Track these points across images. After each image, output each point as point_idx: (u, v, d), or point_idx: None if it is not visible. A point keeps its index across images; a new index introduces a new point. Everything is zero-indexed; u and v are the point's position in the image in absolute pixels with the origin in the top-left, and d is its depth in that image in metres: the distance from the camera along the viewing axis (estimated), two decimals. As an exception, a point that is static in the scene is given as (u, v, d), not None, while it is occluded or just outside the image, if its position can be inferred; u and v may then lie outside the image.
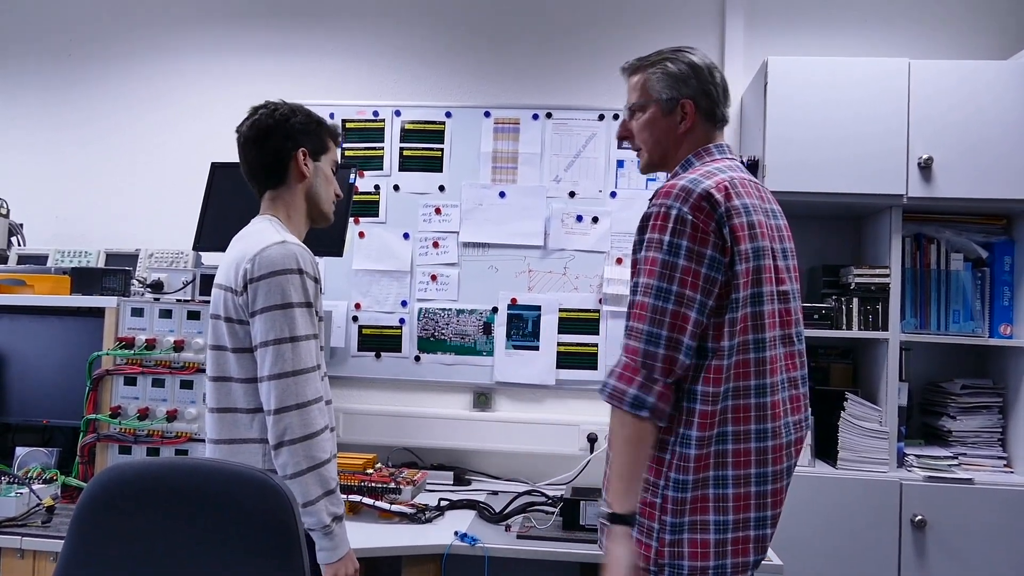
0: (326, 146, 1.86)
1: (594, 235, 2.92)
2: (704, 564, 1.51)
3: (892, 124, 2.50)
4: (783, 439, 1.57)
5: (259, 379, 1.63)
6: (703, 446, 1.51)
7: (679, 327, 1.48)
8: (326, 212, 1.87)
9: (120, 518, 1.36)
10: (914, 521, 2.39)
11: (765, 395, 1.54)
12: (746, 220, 1.53)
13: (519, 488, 2.64)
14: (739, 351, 1.52)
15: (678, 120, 1.65)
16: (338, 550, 1.64)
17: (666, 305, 1.48)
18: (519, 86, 3.03)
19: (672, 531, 1.52)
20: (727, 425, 1.52)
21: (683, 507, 1.52)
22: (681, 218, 1.49)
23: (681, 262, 1.48)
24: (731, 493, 1.52)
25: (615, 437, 1.50)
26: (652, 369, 1.47)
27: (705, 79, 1.65)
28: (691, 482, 1.51)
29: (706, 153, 1.66)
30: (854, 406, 2.52)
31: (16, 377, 2.61)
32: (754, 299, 1.53)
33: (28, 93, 3.25)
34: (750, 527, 1.55)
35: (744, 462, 1.52)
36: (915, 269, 2.62)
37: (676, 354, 1.47)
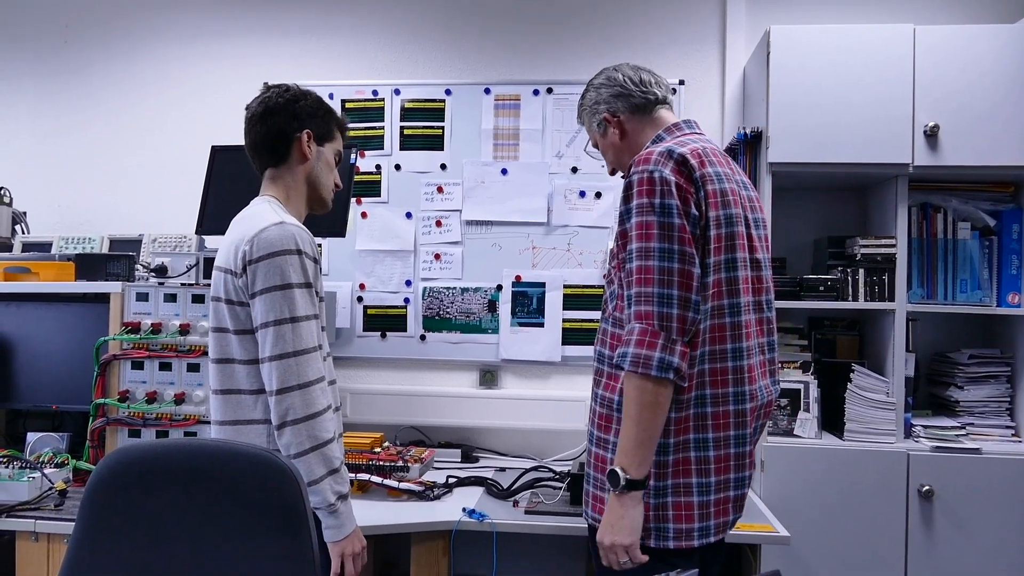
0: (332, 134, 1.86)
1: (597, 210, 2.91)
2: (689, 526, 1.55)
3: (897, 91, 2.47)
4: (758, 401, 1.61)
5: (261, 360, 1.63)
6: (681, 408, 1.54)
7: (687, 285, 1.51)
8: (324, 198, 1.87)
9: (129, 499, 1.37)
10: (921, 491, 2.39)
11: (741, 358, 1.58)
12: (718, 187, 1.57)
13: (526, 464, 2.66)
14: (715, 315, 1.55)
15: (612, 133, 1.78)
16: (344, 528, 1.65)
17: (672, 264, 1.50)
18: (519, 62, 3.01)
19: (656, 495, 1.56)
20: (705, 388, 1.56)
21: (665, 470, 1.56)
22: (664, 179, 1.53)
23: (676, 220, 1.52)
24: (712, 455, 1.56)
25: (633, 405, 1.50)
26: (670, 330, 1.49)
27: (613, 86, 1.77)
28: (672, 445, 1.55)
29: (676, 128, 1.73)
30: (861, 377, 2.51)
31: (25, 364, 2.63)
32: (728, 264, 1.57)
33: (27, 80, 3.24)
34: (730, 488, 1.59)
35: (724, 424, 1.56)
36: (921, 239, 2.60)
37: (688, 312, 1.51)
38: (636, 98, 1.75)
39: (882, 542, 2.41)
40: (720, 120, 2.91)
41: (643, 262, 1.52)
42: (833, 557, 2.42)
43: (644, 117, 1.75)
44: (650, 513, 1.56)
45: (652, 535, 1.56)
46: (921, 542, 2.40)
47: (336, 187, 1.89)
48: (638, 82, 1.75)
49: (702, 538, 1.57)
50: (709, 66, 2.93)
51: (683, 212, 1.52)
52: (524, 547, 2.28)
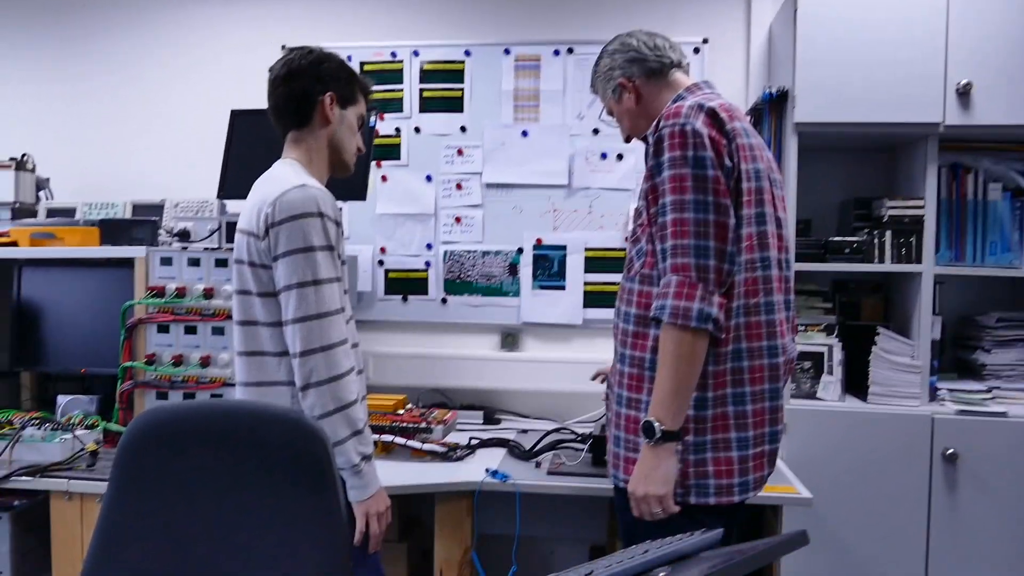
0: (355, 98, 1.84)
1: (619, 172, 2.88)
2: (729, 482, 1.56)
3: (929, 48, 2.40)
4: (788, 355, 1.63)
5: (284, 323, 1.64)
6: (719, 362, 1.55)
7: (722, 236, 1.51)
8: (346, 162, 1.86)
9: (159, 459, 1.39)
10: (945, 455, 2.38)
11: (773, 312, 1.58)
12: (746, 142, 1.58)
13: (548, 426, 2.67)
14: (748, 268, 1.55)
15: (627, 98, 1.76)
16: (368, 488, 1.67)
17: (707, 216, 1.51)
18: (539, 21, 2.96)
19: (695, 450, 1.56)
20: (741, 342, 1.56)
21: (704, 425, 1.56)
22: (696, 131, 1.53)
23: (710, 172, 1.51)
24: (750, 409, 1.57)
25: (669, 356, 1.50)
26: (708, 282, 1.50)
27: (627, 51, 1.76)
28: (710, 399, 1.55)
29: (695, 88, 1.72)
30: (886, 340, 2.49)
31: (53, 328, 2.67)
32: (759, 218, 1.57)
33: (47, 45, 3.24)
34: (765, 442, 1.60)
35: (759, 378, 1.57)
36: (951, 200, 2.55)
37: (724, 264, 1.52)
38: (651, 62, 1.74)
39: (905, 505, 2.40)
40: (745, 80, 2.85)
41: (678, 215, 1.52)
42: (855, 520, 2.42)
43: (659, 81, 1.74)
44: (690, 469, 1.56)
45: (692, 491, 1.56)
46: (944, 506, 2.40)
47: (359, 151, 1.88)
48: (652, 47, 1.75)
49: (742, 493, 1.58)
50: (734, 24, 2.87)
51: (717, 164, 1.52)
52: (546, 507, 2.30)
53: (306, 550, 1.33)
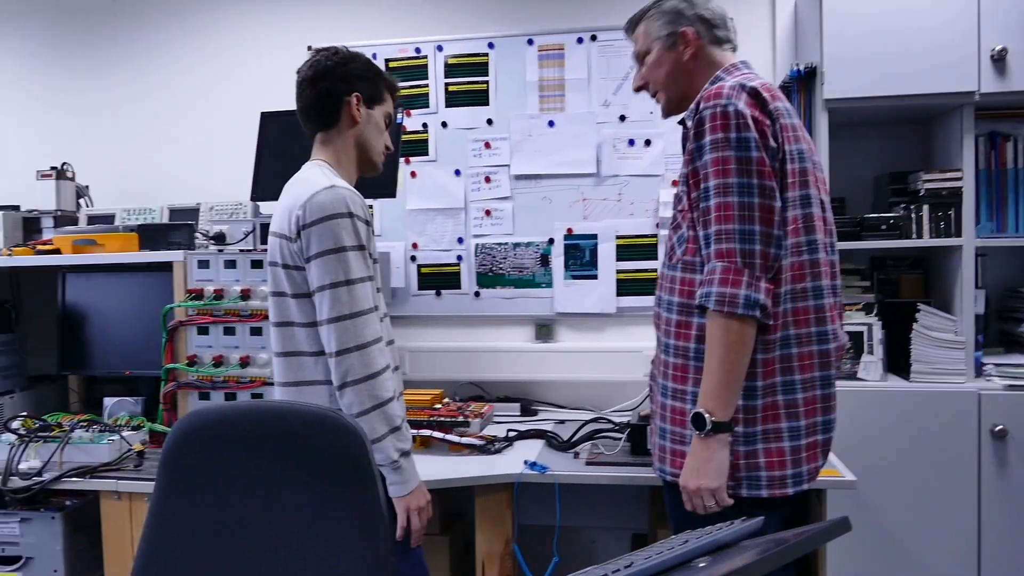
0: (381, 96, 1.85)
1: (647, 158, 2.86)
2: (782, 473, 1.51)
3: (960, 14, 2.34)
4: (840, 341, 1.58)
5: (319, 323, 1.66)
6: (769, 349, 1.50)
7: (768, 220, 1.47)
8: (375, 161, 1.87)
9: (202, 460, 1.42)
10: (994, 432, 2.33)
11: (821, 297, 1.54)
12: (789, 122, 1.53)
13: (585, 416, 2.66)
14: (794, 252, 1.51)
15: (682, 50, 1.67)
16: (408, 484, 1.68)
17: (752, 200, 1.46)
18: (561, 10, 2.94)
19: (746, 442, 1.52)
20: (789, 328, 1.51)
21: (754, 415, 1.51)
22: (739, 112, 1.48)
23: (754, 154, 1.47)
24: (800, 398, 1.52)
25: (717, 345, 1.47)
26: (754, 267, 1.46)
27: (698, 7, 1.67)
28: (759, 388, 1.51)
29: (734, 68, 1.65)
30: (927, 317, 2.44)
31: (97, 332, 2.74)
32: (804, 200, 1.52)
33: (78, 56, 3.30)
34: (818, 431, 1.55)
35: (809, 365, 1.52)
36: (990, 170, 2.49)
37: (770, 248, 1.48)
38: (719, 31, 1.68)
39: (954, 485, 2.36)
40: (771, 58, 2.81)
41: (722, 199, 1.48)
42: (902, 501, 2.38)
43: (715, 51, 1.67)
44: (740, 461, 1.52)
45: (744, 483, 1.53)
46: (995, 484, 2.35)
47: (387, 150, 1.89)
48: (722, 16, 1.70)
49: (796, 485, 1.53)
50: (758, 3, 2.82)
51: (761, 145, 1.48)
52: (586, 497, 2.30)
53: (348, 547, 1.35)
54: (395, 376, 1.75)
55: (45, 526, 2.29)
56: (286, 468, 1.39)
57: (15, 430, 2.36)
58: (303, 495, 1.38)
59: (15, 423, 2.40)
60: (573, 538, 2.85)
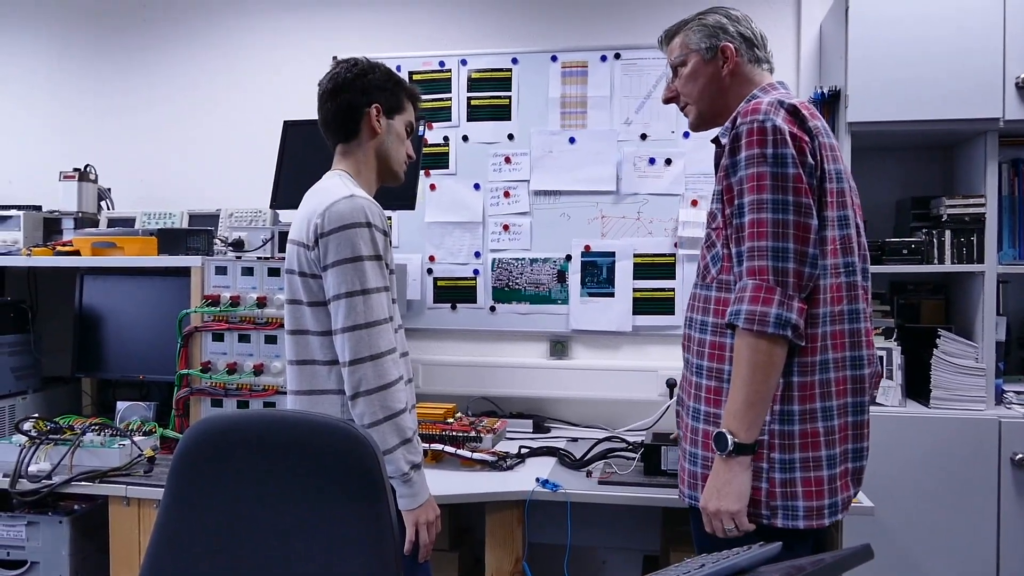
0: (402, 106, 1.85)
1: (668, 177, 2.85)
2: (819, 503, 1.47)
3: (986, 43, 2.33)
4: (874, 367, 1.54)
5: (333, 332, 1.66)
6: (806, 372, 1.47)
7: (803, 238, 1.43)
8: (396, 171, 1.87)
9: (213, 468, 1.41)
10: (1014, 459, 2.30)
11: (858, 321, 1.51)
12: (828, 141, 1.51)
13: (598, 435, 2.64)
14: (832, 273, 1.48)
15: (720, 65, 1.64)
16: (418, 497, 1.67)
17: (787, 217, 1.43)
18: (586, 27, 2.95)
19: (782, 469, 1.47)
20: (828, 352, 1.47)
21: (792, 442, 1.47)
22: (777, 127, 1.45)
23: (791, 171, 1.44)
24: (836, 424, 1.48)
25: (744, 365, 1.43)
26: (787, 286, 1.42)
27: (740, 24, 1.66)
28: (797, 413, 1.47)
29: (771, 87, 1.63)
30: (948, 343, 2.41)
31: (113, 335, 2.75)
32: (842, 221, 1.50)
33: (105, 60, 3.34)
34: (848, 459, 1.51)
35: (842, 391, 1.49)
36: (1013, 197, 2.47)
37: (804, 267, 1.44)
38: (760, 50, 1.67)
39: (972, 513, 2.32)
40: (796, 80, 2.80)
41: (755, 215, 1.44)
42: (920, 528, 2.34)
43: (753, 71, 1.65)
44: (777, 490, 1.47)
45: (779, 513, 1.48)
46: (1015, 513, 2.31)
47: (408, 159, 1.89)
48: (760, 37, 1.69)
49: (832, 515, 1.49)
50: (784, 24, 2.82)
51: (799, 162, 1.44)
52: (598, 517, 2.28)
53: (356, 559, 1.34)
54: (408, 388, 1.74)
55: (52, 530, 2.28)
56: (296, 478, 1.38)
57: (26, 432, 2.36)
58: (312, 505, 1.37)
59: (27, 425, 2.40)
60: (584, 558, 2.82)
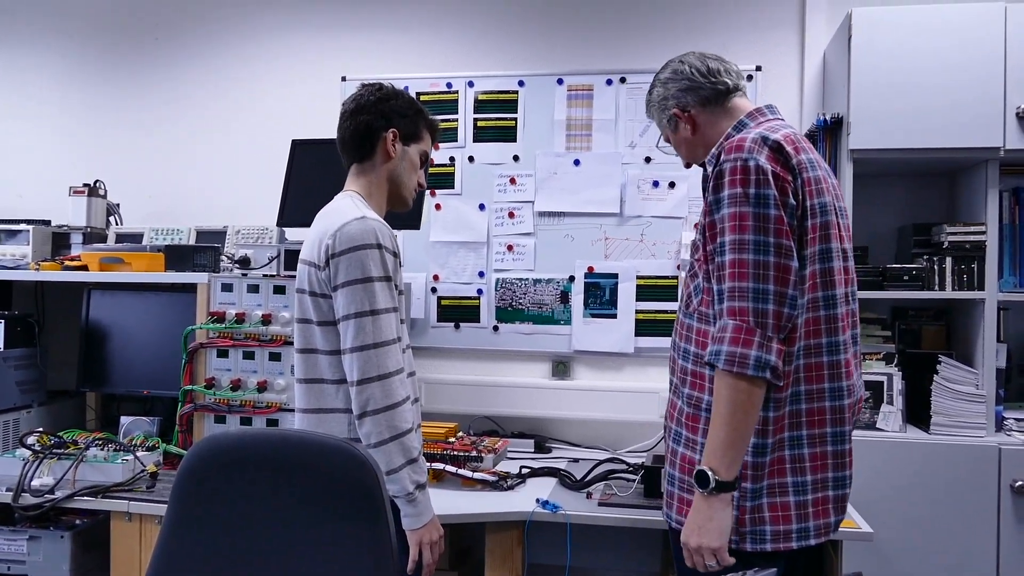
0: (419, 135, 1.88)
1: (671, 200, 2.88)
2: (787, 528, 1.51)
3: (987, 73, 2.36)
4: (855, 397, 1.57)
5: (342, 351, 1.68)
6: (780, 407, 1.50)
7: (783, 279, 1.45)
8: (405, 198, 1.90)
9: (216, 486, 1.42)
10: (1014, 487, 2.30)
11: (837, 353, 1.53)
12: (812, 175, 1.52)
13: (600, 456, 2.65)
14: (810, 308, 1.50)
15: (683, 128, 1.70)
16: (422, 516, 1.68)
17: (767, 258, 1.45)
18: (592, 51, 2.98)
19: (752, 497, 1.52)
20: (800, 384, 1.51)
21: (761, 471, 1.51)
22: (760, 168, 1.47)
23: (772, 212, 1.46)
24: (807, 453, 1.51)
25: (724, 404, 1.45)
26: (767, 327, 1.44)
27: (680, 79, 1.68)
28: (769, 445, 1.51)
29: (758, 114, 1.65)
30: (948, 369, 2.42)
31: (118, 350, 2.76)
32: (823, 255, 1.52)
33: (118, 77, 3.37)
34: (828, 487, 1.54)
35: (819, 421, 1.51)
36: (1014, 225, 2.49)
37: (783, 308, 1.45)
38: (706, 90, 1.66)
39: (972, 540, 2.32)
40: (799, 106, 2.83)
41: (737, 255, 1.46)
42: (919, 555, 2.34)
43: (716, 108, 1.67)
44: (746, 516, 1.51)
45: (748, 538, 1.52)
46: (1014, 540, 2.31)
47: (420, 187, 1.92)
48: (706, 72, 1.66)
49: (801, 539, 1.52)
50: (788, 51, 2.86)
51: (780, 202, 1.46)
52: (598, 539, 2.28)
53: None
54: (414, 408, 1.75)
55: (53, 545, 2.29)
56: (298, 497, 1.39)
57: (30, 446, 2.36)
58: (314, 525, 1.38)
59: (31, 439, 2.40)
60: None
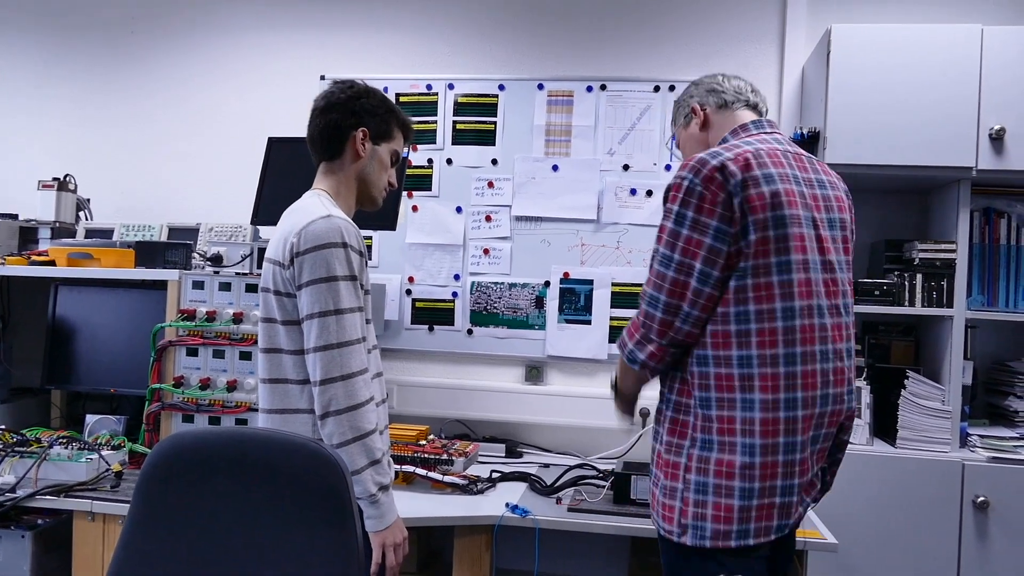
0: (390, 134, 1.86)
1: (648, 208, 2.89)
2: (727, 528, 1.55)
3: (962, 93, 2.40)
4: (816, 409, 1.58)
5: (306, 351, 1.66)
6: (723, 407, 1.56)
7: (678, 294, 1.57)
8: (374, 197, 1.88)
9: (180, 485, 1.40)
10: (976, 502, 2.33)
11: (795, 364, 1.56)
12: (767, 189, 1.55)
13: (570, 461, 2.65)
14: (763, 318, 1.54)
15: (694, 123, 1.82)
16: (385, 518, 1.67)
17: (667, 272, 1.58)
18: (573, 58, 2.99)
19: (697, 491, 1.57)
20: (754, 392, 1.54)
21: (707, 467, 1.56)
22: (690, 189, 1.56)
23: (684, 232, 1.56)
24: (758, 461, 1.54)
25: (619, 368, 1.78)
26: (649, 329, 1.61)
27: (705, 83, 1.84)
28: (716, 443, 1.56)
29: (743, 130, 1.74)
30: (915, 384, 2.45)
31: (85, 347, 2.72)
32: (781, 267, 1.55)
33: (93, 70, 3.33)
34: (776, 494, 1.56)
35: (772, 431, 1.54)
36: (983, 244, 2.52)
37: (671, 318, 1.58)
38: (727, 95, 1.80)
39: (934, 553, 2.35)
40: (777, 119, 2.85)
41: (653, 265, 1.62)
42: (882, 566, 2.37)
43: (727, 115, 1.78)
44: (689, 509, 1.57)
45: (689, 531, 1.57)
46: (975, 554, 2.34)
47: (390, 186, 1.90)
48: (731, 85, 1.82)
49: (740, 539, 1.55)
50: (767, 65, 2.88)
51: (698, 224, 1.54)
52: (566, 544, 2.28)
53: (323, 580, 1.33)
54: (380, 409, 1.74)
55: (14, 544, 2.24)
56: (263, 496, 1.38)
57: (-8, 443, 2.32)
58: (279, 524, 1.37)
59: (-7, 436, 2.36)
60: (550, 585, 2.81)
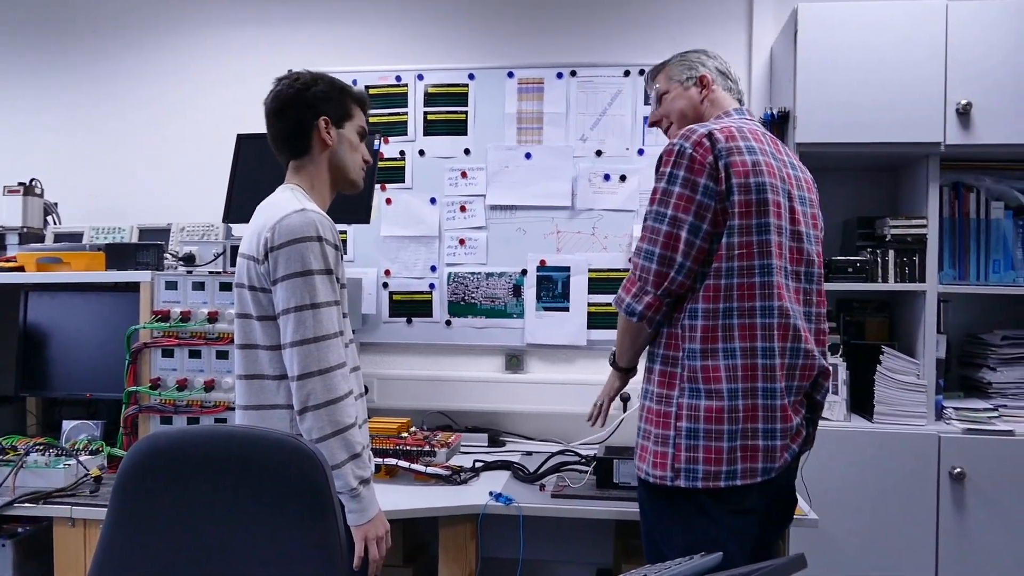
0: (350, 113, 1.84)
1: (622, 194, 2.89)
2: (717, 469, 1.67)
3: (929, 69, 2.42)
4: (787, 360, 1.71)
5: (282, 346, 1.65)
6: (707, 357, 1.68)
7: (671, 246, 1.68)
8: (353, 179, 1.86)
9: (158, 485, 1.39)
10: (952, 474, 2.37)
11: (771, 316, 1.69)
12: (749, 159, 1.69)
13: (552, 448, 2.65)
14: (744, 274, 1.67)
15: (699, 91, 1.89)
16: (366, 512, 1.66)
17: (660, 226, 1.69)
18: (542, 44, 2.98)
19: (688, 436, 1.68)
20: (734, 342, 1.68)
21: (697, 414, 1.68)
22: (682, 151, 1.69)
23: (676, 189, 1.68)
24: (740, 404, 1.67)
25: (619, 327, 1.86)
26: (645, 282, 1.71)
27: (719, 61, 1.93)
28: (703, 391, 1.68)
29: (725, 115, 1.86)
30: (890, 359, 2.48)
31: (59, 353, 2.68)
32: (760, 228, 1.68)
33: (55, 71, 3.28)
34: (759, 437, 1.68)
35: (751, 376, 1.68)
36: (953, 219, 2.55)
37: (666, 270, 1.69)
38: (731, 82, 1.93)
39: (912, 525, 2.38)
40: (747, 101, 2.86)
41: (646, 222, 1.73)
42: (862, 540, 2.40)
43: (725, 97, 1.89)
44: (682, 454, 1.68)
45: (682, 475, 1.68)
46: (952, 525, 2.38)
47: (365, 163, 1.89)
48: (735, 77, 1.95)
49: (729, 480, 1.67)
50: (735, 45, 2.89)
51: (688, 183, 1.67)
52: (551, 530, 2.29)
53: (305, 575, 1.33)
54: (359, 403, 1.74)
55: (-6, 553, 2.22)
56: (242, 495, 1.37)
57: (-32, 452, 2.29)
58: (260, 521, 1.36)
59: (-32, 445, 2.33)
60: (537, 572, 2.83)
